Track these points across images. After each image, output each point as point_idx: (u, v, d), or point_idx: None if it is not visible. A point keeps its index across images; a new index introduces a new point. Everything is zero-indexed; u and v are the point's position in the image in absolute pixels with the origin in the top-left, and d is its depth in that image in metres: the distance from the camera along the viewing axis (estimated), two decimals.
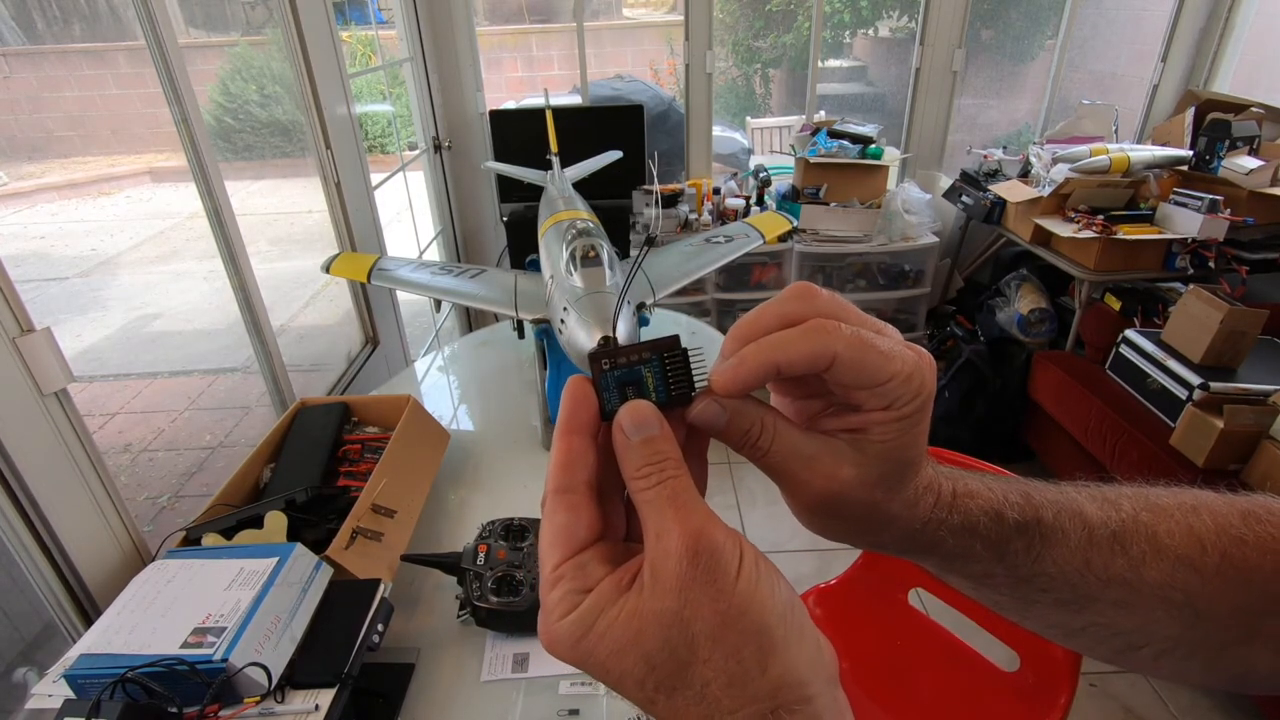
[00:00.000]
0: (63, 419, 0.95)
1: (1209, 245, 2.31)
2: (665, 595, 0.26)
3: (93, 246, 2.95)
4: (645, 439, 0.29)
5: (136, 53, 1.32)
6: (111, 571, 1.00)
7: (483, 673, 0.94)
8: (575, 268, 1.18)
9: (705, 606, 0.26)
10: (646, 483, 0.28)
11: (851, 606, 1.51)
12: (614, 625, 0.26)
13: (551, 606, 0.28)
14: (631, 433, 0.29)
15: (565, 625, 0.27)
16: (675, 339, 0.32)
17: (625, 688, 0.27)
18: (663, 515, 0.27)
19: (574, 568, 0.28)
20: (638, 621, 0.26)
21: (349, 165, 1.92)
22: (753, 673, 0.25)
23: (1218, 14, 2.92)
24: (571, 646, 0.27)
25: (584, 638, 0.27)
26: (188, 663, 0.73)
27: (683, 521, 0.27)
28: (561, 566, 0.28)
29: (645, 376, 0.31)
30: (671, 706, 0.26)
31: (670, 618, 0.26)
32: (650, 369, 0.31)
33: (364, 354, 2.06)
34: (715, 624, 0.25)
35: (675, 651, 0.26)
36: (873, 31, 4.70)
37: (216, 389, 2.56)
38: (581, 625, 0.27)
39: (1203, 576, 0.35)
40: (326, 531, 1.00)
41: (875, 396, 0.30)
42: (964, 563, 0.36)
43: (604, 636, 0.27)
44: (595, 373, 0.31)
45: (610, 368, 0.31)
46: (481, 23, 3.46)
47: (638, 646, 0.26)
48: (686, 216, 2.87)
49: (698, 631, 0.25)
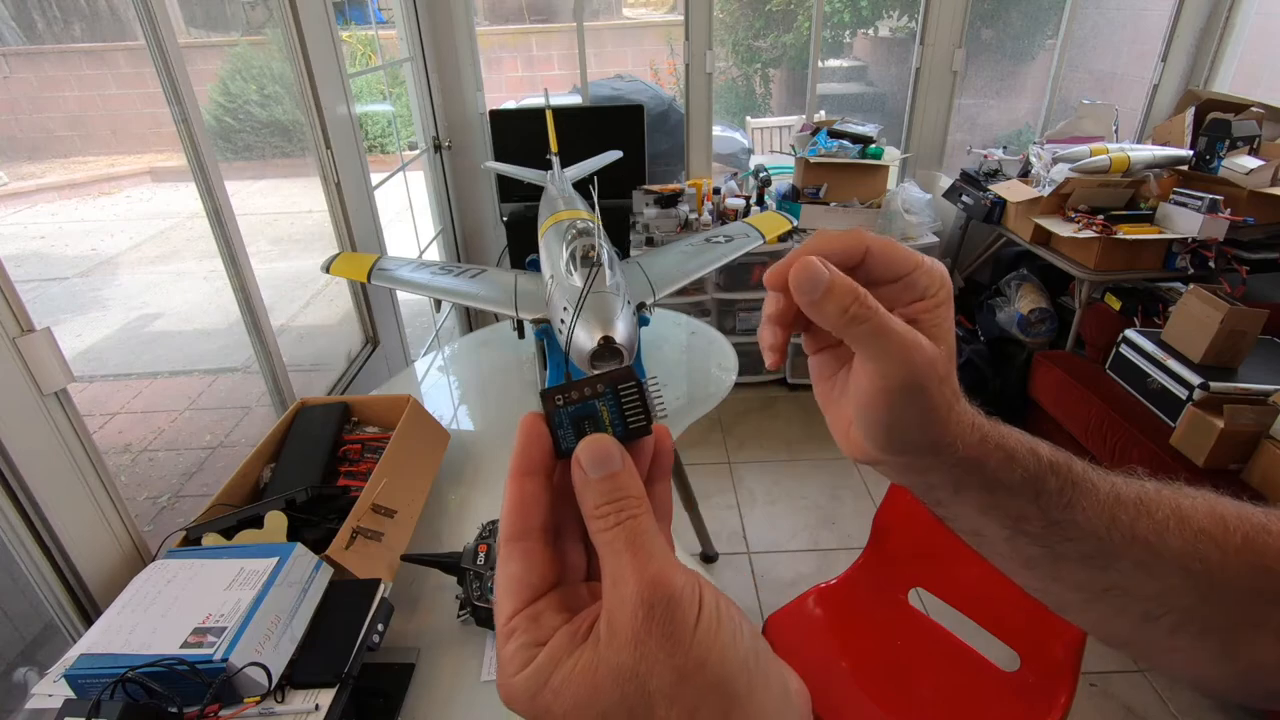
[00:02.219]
0: (63, 419, 0.95)
1: (1209, 245, 2.31)
2: (621, 649, 0.25)
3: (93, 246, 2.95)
4: (605, 475, 0.28)
5: (136, 53, 1.32)
6: (111, 571, 1.00)
7: (483, 673, 0.94)
8: (575, 267, 1.18)
9: (661, 662, 0.24)
10: (605, 523, 0.27)
11: (851, 606, 1.52)
12: (570, 680, 0.25)
13: (507, 661, 0.27)
14: (591, 469, 0.28)
15: (521, 680, 0.26)
16: (630, 370, 0.31)
17: None
18: (620, 560, 0.26)
19: (527, 619, 0.27)
20: (593, 676, 0.25)
21: (349, 165, 1.92)
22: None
23: (1218, 14, 2.92)
24: (529, 702, 0.26)
25: (540, 693, 0.26)
26: (188, 663, 0.73)
27: (639, 569, 0.25)
28: (515, 619, 0.27)
29: (601, 411, 0.30)
30: None
31: (626, 673, 0.25)
32: (605, 402, 0.30)
33: (364, 354, 2.06)
34: (672, 680, 0.24)
35: (632, 710, 0.25)
36: (873, 31, 4.69)
37: (216, 389, 2.56)
38: (537, 680, 0.26)
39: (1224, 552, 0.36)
40: (326, 531, 1.00)
41: (907, 289, 0.34)
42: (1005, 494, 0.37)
43: (560, 693, 0.25)
44: (548, 409, 0.30)
45: (564, 404, 0.30)
46: (481, 23, 3.46)
47: (594, 703, 0.25)
48: (686, 216, 2.87)
49: (654, 689, 0.24)
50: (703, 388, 1.64)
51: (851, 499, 2.59)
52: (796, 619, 1.49)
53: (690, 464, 2.46)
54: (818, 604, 1.52)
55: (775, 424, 3.05)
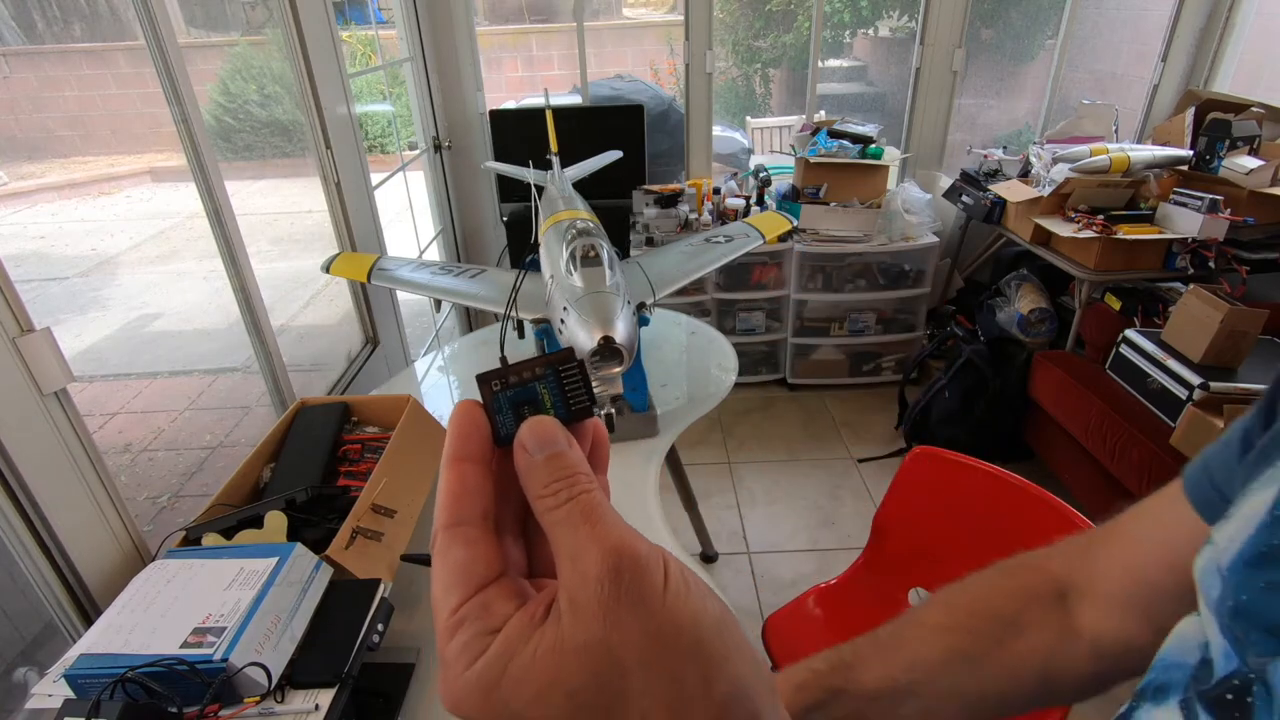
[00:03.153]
0: (63, 419, 0.95)
1: (1209, 245, 2.31)
2: (588, 623, 0.23)
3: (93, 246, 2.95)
4: (551, 455, 0.26)
5: (136, 53, 1.32)
6: (111, 571, 1.00)
7: None
8: (575, 267, 1.18)
9: (634, 629, 0.22)
10: (555, 500, 0.25)
11: (851, 606, 1.52)
12: (532, 666, 0.23)
13: (454, 657, 0.24)
14: (535, 450, 0.26)
15: (473, 674, 0.23)
16: (570, 351, 0.29)
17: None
18: (576, 534, 0.24)
19: (477, 607, 0.24)
20: (558, 657, 0.23)
21: (349, 165, 1.92)
22: (696, 696, 0.23)
23: (1218, 14, 2.92)
24: (484, 698, 0.23)
25: (497, 685, 0.23)
26: (188, 662, 0.73)
27: (600, 538, 0.24)
28: (462, 608, 0.24)
29: (541, 394, 0.28)
30: None
31: (595, 647, 0.22)
32: (546, 385, 0.28)
33: (364, 354, 2.06)
34: (648, 647, 0.23)
35: (606, 686, 0.22)
36: (873, 31, 4.69)
37: (216, 389, 2.56)
38: (493, 672, 0.23)
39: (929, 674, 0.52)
40: (326, 531, 1.00)
41: None
42: None
43: (521, 681, 0.23)
44: (485, 395, 0.28)
45: (502, 388, 0.28)
46: (481, 23, 3.46)
47: (561, 686, 0.23)
48: (686, 216, 2.87)
49: (629, 660, 0.22)
50: (703, 388, 1.64)
51: (851, 499, 2.59)
52: (796, 619, 1.49)
53: (690, 464, 2.46)
54: (818, 604, 1.52)
55: (775, 424, 3.05)
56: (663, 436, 1.44)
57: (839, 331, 3.09)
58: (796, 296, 2.96)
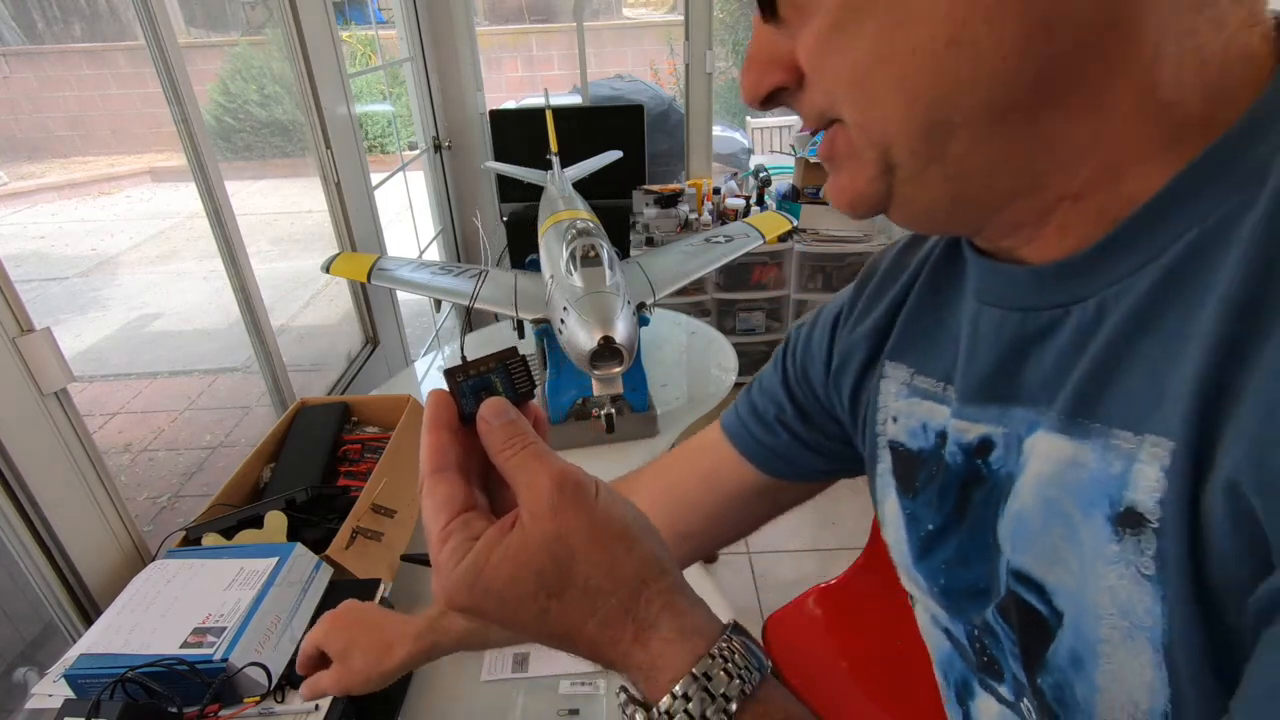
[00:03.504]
0: (63, 419, 0.95)
1: None
2: (544, 521, 0.31)
3: (93, 246, 2.95)
4: (505, 422, 0.34)
5: (136, 53, 1.32)
6: (111, 571, 1.00)
7: (483, 673, 0.94)
8: (575, 267, 1.18)
9: (577, 520, 0.32)
10: (511, 451, 0.33)
11: (851, 606, 1.52)
12: (505, 558, 0.31)
13: (444, 560, 0.32)
14: (493, 419, 0.34)
15: (461, 570, 0.31)
16: (514, 349, 0.38)
17: (521, 608, 0.32)
18: (529, 468, 0.33)
19: (460, 523, 0.33)
20: (525, 550, 0.31)
21: (349, 165, 1.92)
22: (621, 558, 0.32)
23: None
24: (470, 586, 0.31)
25: (480, 575, 0.31)
26: (188, 662, 0.73)
27: (547, 467, 0.32)
28: (449, 525, 0.33)
29: (495, 382, 0.37)
30: (563, 608, 0.31)
31: (551, 537, 0.31)
32: (498, 375, 0.37)
33: (364, 354, 2.06)
34: (587, 531, 0.32)
35: (559, 560, 0.31)
36: None
37: (216, 389, 2.56)
38: (476, 565, 0.31)
39: None
40: (326, 531, 1.00)
41: None
42: None
43: (498, 568, 0.31)
44: (451, 385, 0.36)
45: (464, 379, 0.36)
46: (481, 23, 3.46)
47: (529, 568, 0.31)
48: (686, 216, 2.87)
49: (575, 541, 0.31)
50: (703, 388, 1.64)
51: (851, 499, 2.59)
52: (796, 619, 1.49)
53: None
54: (818, 604, 1.52)
55: None
56: (663, 436, 1.44)
57: None
58: (796, 296, 2.96)
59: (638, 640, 0.31)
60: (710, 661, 0.30)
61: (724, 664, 0.30)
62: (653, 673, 0.31)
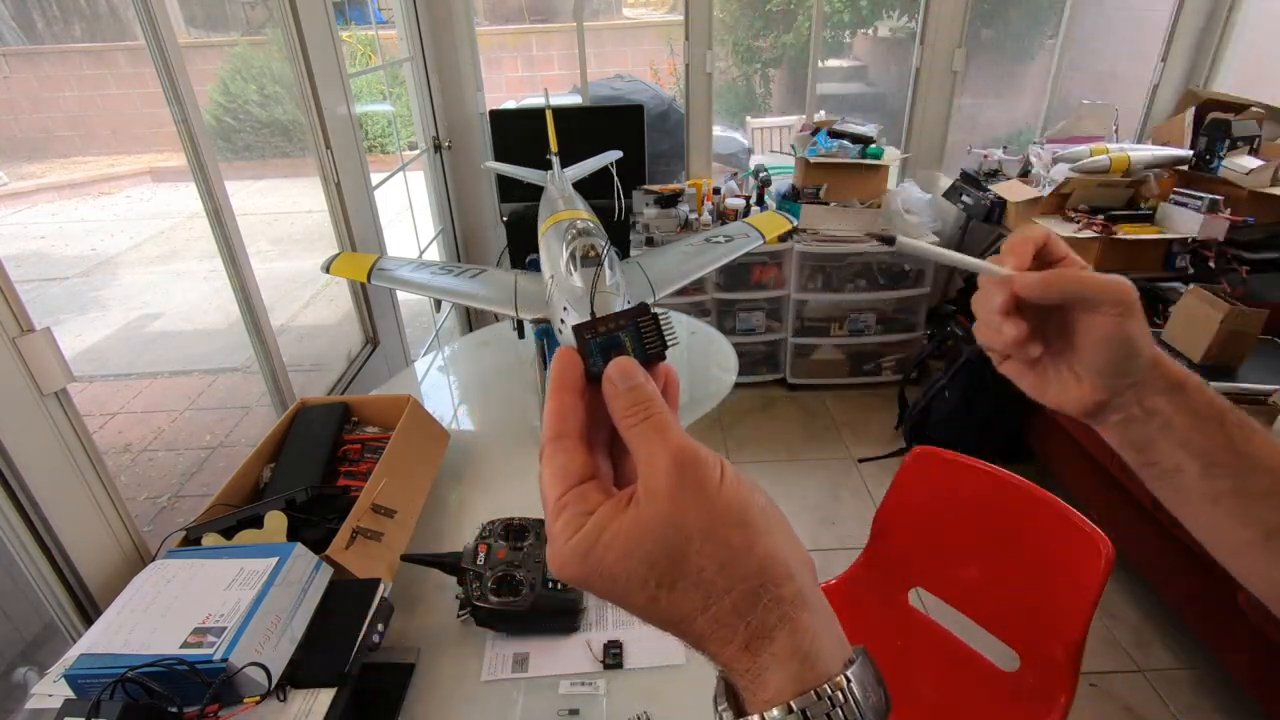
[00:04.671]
0: (63, 419, 0.95)
1: (1209, 245, 2.31)
2: (660, 503, 0.30)
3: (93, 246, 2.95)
4: (631, 386, 0.33)
5: (136, 53, 1.32)
6: (111, 571, 1.00)
7: (483, 673, 0.94)
8: (575, 267, 1.18)
9: (694, 507, 0.30)
10: (634, 419, 0.32)
11: (851, 606, 1.52)
12: (618, 535, 0.30)
13: (558, 532, 0.31)
14: (619, 382, 0.33)
15: (573, 544, 0.31)
16: (645, 306, 0.36)
17: (630, 591, 0.30)
18: (650, 442, 0.31)
19: (576, 496, 0.32)
20: (638, 529, 0.30)
21: (349, 165, 1.92)
22: (741, 554, 0.30)
23: (1218, 14, 2.92)
24: (581, 560, 0.31)
25: (591, 550, 0.30)
26: (188, 662, 0.73)
27: (669, 443, 0.31)
28: (564, 496, 0.32)
29: (624, 341, 0.35)
30: (672, 599, 0.30)
31: (665, 521, 0.30)
32: (628, 334, 0.35)
33: (364, 354, 2.06)
34: (705, 520, 0.30)
35: (672, 549, 0.30)
36: (873, 31, 4.69)
37: (216, 389, 2.56)
38: (588, 540, 0.30)
39: None
40: (326, 531, 1.00)
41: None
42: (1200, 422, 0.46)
43: (610, 546, 0.30)
44: (580, 342, 0.35)
45: (593, 336, 0.35)
46: (481, 23, 3.46)
47: (640, 549, 0.30)
48: (686, 216, 2.87)
49: (691, 529, 0.30)
50: (703, 388, 1.64)
51: (851, 499, 2.59)
52: None
53: None
54: None
55: (775, 424, 3.05)
56: None
57: (839, 331, 3.09)
58: (796, 296, 2.96)
59: (748, 649, 0.30)
60: (815, 702, 0.28)
61: (828, 708, 0.28)
62: (754, 685, 0.29)
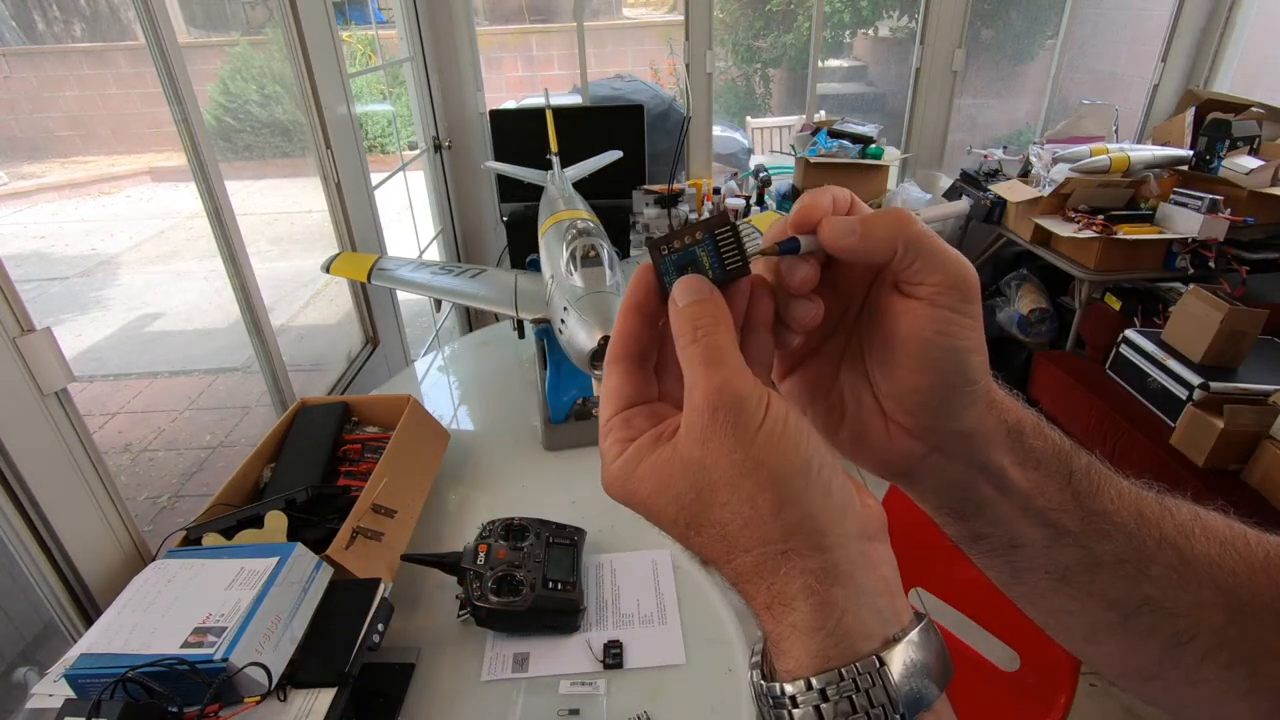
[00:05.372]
0: (63, 419, 0.95)
1: (1209, 245, 2.31)
2: (692, 445, 0.29)
3: (93, 246, 2.95)
4: (691, 303, 0.31)
5: (136, 53, 1.33)
6: (111, 571, 1.00)
7: (483, 673, 0.94)
8: (575, 267, 1.18)
9: (724, 456, 0.28)
10: (685, 340, 0.30)
11: None
12: (651, 470, 0.30)
13: (604, 452, 0.32)
14: (680, 299, 0.31)
15: (615, 467, 0.31)
16: (725, 215, 0.33)
17: (664, 524, 0.31)
18: (694, 371, 0.29)
19: (621, 421, 0.32)
20: (668, 468, 0.30)
21: (349, 165, 1.92)
22: (765, 517, 0.28)
23: (1218, 14, 2.92)
24: (621, 486, 0.31)
25: (629, 479, 0.31)
26: (188, 662, 0.73)
27: (708, 376, 0.29)
28: (611, 420, 0.33)
29: (700, 256, 0.32)
30: (700, 542, 0.30)
31: (693, 464, 0.29)
32: (704, 249, 0.32)
33: (364, 354, 2.06)
34: (732, 472, 0.28)
35: (700, 494, 0.29)
36: (873, 31, 4.70)
37: (216, 389, 2.56)
38: (626, 468, 0.31)
39: (1250, 568, 0.35)
40: (326, 531, 1.00)
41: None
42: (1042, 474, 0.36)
43: (644, 479, 0.30)
44: (655, 258, 0.33)
45: (668, 253, 0.32)
46: (481, 23, 3.46)
47: (670, 488, 0.30)
48: (686, 216, 2.87)
49: (717, 478, 0.28)
50: None
51: None
52: None
53: None
54: None
55: None
56: None
57: None
58: None
59: (770, 610, 0.28)
60: (838, 681, 0.26)
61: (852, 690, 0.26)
62: (776, 650, 0.29)
